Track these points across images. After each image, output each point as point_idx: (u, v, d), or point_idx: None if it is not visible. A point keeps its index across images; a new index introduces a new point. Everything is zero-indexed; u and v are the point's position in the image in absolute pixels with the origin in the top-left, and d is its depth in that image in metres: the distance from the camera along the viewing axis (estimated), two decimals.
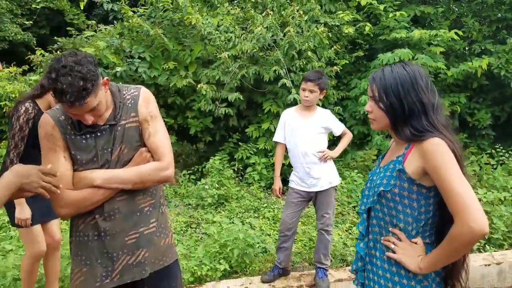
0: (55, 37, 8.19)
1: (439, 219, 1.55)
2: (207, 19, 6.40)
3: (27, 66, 7.22)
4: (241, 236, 3.71)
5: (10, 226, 2.88)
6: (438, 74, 6.95)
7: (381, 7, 6.93)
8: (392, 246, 1.56)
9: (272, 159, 6.37)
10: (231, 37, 6.23)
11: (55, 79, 1.49)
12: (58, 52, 7.55)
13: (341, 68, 6.63)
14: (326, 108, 4.58)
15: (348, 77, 7.41)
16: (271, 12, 6.16)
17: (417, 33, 6.43)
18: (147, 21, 6.67)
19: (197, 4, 6.82)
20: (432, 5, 8.10)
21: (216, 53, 6.21)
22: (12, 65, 7.59)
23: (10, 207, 2.73)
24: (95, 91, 1.58)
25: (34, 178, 1.46)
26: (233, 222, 4.05)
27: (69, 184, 1.67)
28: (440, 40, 6.80)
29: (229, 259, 3.72)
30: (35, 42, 14.09)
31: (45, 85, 2.65)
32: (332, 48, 6.52)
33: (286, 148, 3.64)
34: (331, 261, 3.87)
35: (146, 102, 1.82)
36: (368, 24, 6.81)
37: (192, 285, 3.45)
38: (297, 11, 6.39)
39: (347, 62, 6.97)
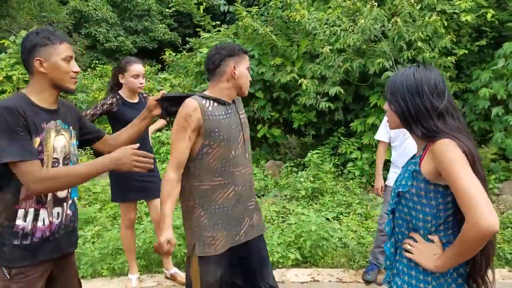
0: (192, 38, 9.16)
1: (460, 217, 1.53)
2: (313, 14, 6.50)
3: (159, 65, 8.25)
4: (313, 228, 3.83)
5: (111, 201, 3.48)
6: None
7: None
8: (409, 247, 1.63)
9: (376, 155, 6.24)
10: (336, 30, 6.25)
11: None
12: (185, 52, 8.46)
13: (456, 58, 6.12)
14: None
15: (472, 68, 6.78)
16: (376, 4, 5.98)
17: None
18: (258, 20, 7.06)
19: (306, 1, 6.96)
20: None
21: (319, 48, 6.30)
22: (146, 64, 8.75)
23: (113, 185, 3.33)
24: None
25: (126, 160, 1.83)
26: (304, 214, 4.20)
27: None
28: None
29: (302, 249, 3.88)
30: (180, 41, 15.72)
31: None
32: (447, 38, 6.05)
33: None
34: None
35: None
36: (491, 10, 6.13)
37: None
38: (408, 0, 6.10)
39: (466, 52, 6.38)
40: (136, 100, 3.32)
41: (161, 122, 3.69)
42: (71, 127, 1.96)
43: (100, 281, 3.44)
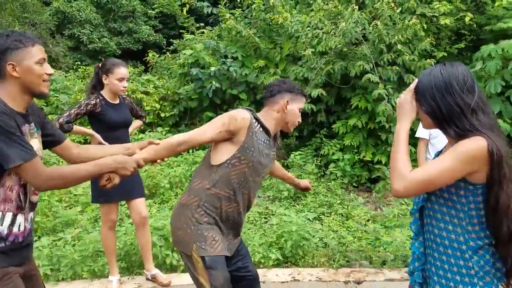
0: (176, 39, 9.15)
1: (488, 219, 1.54)
2: (295, 17, 6.57)
3: (143, 66, 8.22)
4: (294, 229, 3.88)
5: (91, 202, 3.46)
6: None
7: None
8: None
9: (357, 156, 6.32)
10: (318, 33, 6.32)
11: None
12: (169, 54, 8.45)
13: (435, 61, 6.24)
14: None
15: None
16: (356, 7, 6.07)
17: None
18: (242, 22, 7.10)
19: (289, 3, 7.03)
20: None
21: (301, 50, 6.36)
22: (130, 66, 8.72)
23: (93, 186, 3.33)
24: None
25: (129, 166, 1.86)
26: (286, 214, 4.26)
27: None
28: None
29: (284, 249, 3.92)
30: (164, 42, 15.64)
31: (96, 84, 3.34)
32: (426, 40, 6.17)
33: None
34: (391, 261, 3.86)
35: None
36: (469, 14, 6.27)
37: None
38: (389, 3, 6.20)
39: (446, 54, 6.51)
40: (117, 101, 3.34)
41: (138, 122, 3.71)
42: (40, 130, 1.92)
43: (80, 284, 3.43)
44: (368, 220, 4.85)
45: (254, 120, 2.14)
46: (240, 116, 2.08)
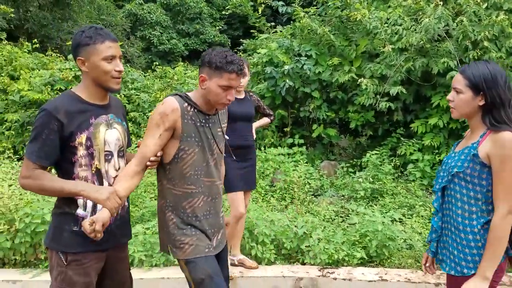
0: (241, 39, 9.28)
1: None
2: (374, 13, 6.43)
3: None
4: (380, 228, 3.78)
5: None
6: None
7: None
8: None
9: (438, 157, 6.06)
10: (398, 29, 6.15)
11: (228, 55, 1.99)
12: (241, 53, 8.56)
13: None
14: None
15: None
16: (441, 2, 5.83)
17: None
18: (316, 20, 7.05)
19: (366, 0, 6.90)
20: None
21: (380, 47, 6.21)
22: (196, 66, 8.89)
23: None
24: None
25: (104, 193, 1.77)
26: (367, 214, 4.16)
27: None
28: None
29: (368, 249, 3.83)
30: (229, 43, 15.99)
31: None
32: None
33: None
34: None
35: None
36: None
37: (328, 267, 3.70)
38: None
39: None
40: (241, 96, 3.52)
41: (265, 120, 3.88)
42: (124, 122, 2.00)
43: (171, 270, 3.56)
44: None
45: (186, 105, 2.01)
46: (169, 109, 1.96)
